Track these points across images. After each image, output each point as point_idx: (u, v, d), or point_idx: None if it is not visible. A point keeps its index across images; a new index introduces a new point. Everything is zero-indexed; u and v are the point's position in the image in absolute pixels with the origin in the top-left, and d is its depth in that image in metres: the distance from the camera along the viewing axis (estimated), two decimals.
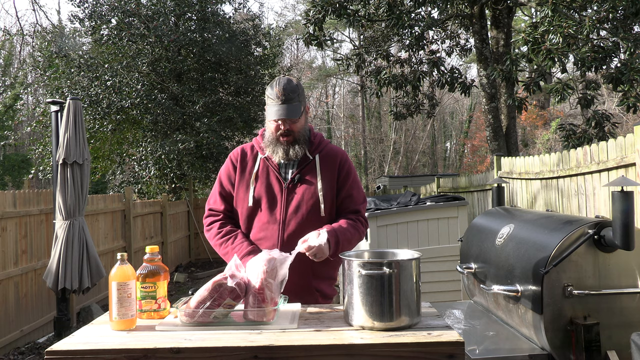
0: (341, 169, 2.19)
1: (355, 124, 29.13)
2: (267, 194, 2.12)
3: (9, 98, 17.86)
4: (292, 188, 2.13)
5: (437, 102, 11.87)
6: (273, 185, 2.14)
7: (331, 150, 2.22)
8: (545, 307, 2.13)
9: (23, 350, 4.96)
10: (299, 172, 2.14)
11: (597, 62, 6.45)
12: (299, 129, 2.11)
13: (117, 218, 7.59)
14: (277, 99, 2.05)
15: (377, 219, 4.83)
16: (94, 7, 10.40)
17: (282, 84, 2.06)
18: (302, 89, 2.13)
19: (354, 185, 2.21)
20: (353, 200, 2.19)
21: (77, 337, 1.59)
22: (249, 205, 2.13)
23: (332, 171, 2.16)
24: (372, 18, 9.50)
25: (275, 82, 2.08)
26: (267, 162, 2.16)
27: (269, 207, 2.12)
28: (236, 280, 1.66)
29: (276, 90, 2.06)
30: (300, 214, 2.09)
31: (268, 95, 2.10)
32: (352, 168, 2.24)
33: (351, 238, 2.07)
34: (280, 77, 2.11)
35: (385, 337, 1.51)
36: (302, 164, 2.16)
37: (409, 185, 14.70)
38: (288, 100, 2.05)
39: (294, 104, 2.06)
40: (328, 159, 2.19)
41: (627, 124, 17.62)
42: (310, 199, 2.11)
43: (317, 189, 2.12)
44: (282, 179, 2.14)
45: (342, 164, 2.20)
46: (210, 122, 10.19)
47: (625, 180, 2.10)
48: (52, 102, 4.83)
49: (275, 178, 2.14)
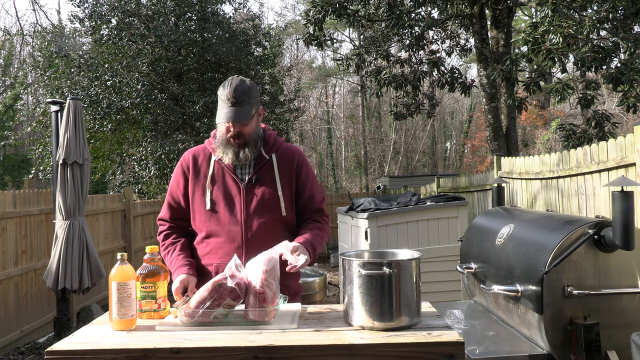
0: (299, 168, 2.20)
1: (355, 124, 29.12)
2: (225, 196, 2.11)
3: (9, 98, 17.86)
4: (250, 188, 2.11)
5: (437, 102, 11.87)
6: (230, 187, 2.12)
7: (288, 150, 2.22)
8: (545, 307, 2.13)
9: (23, 350, 4.96)
10: (256, 172, 2.13)
11: (597, 62, 6.44)
12: (250, 131, 2.08)
13: (117, 218, 7.59)
14: (227, 101, 2.02)
15: (377, 219, 4.83)
16: (94, 7, 10.39)
17: (233, 85, 2.03)
18: (256, 90, 2.10)
19: (313, 184, 2.23)
20: (314, 200, 2.22)
21: (77, 337, 1.59)
22: (207, 209, 2.11)
23: (289, 170, 2.17)
24: (372, 18, 9.50)
25: (227, 83, 2.05)
26: (221, 164, 2.14)
27: (229, 208, 2.10)
28: (236, 280, 1.66)
29: (227, 91, 2.02)
30: (260, 214, 2.09)
31: (219, 95, 2.06)
32: (309, 167, 2.26)
33: (322, 241, 2.14)
34: (234, 78, 2.07)
35: (385, 337, 1.51)
36: (259, 164, 2.14)
37: (409, 185, 14.69)
38: (238, 103, 2.01)
39: (245, 107, 2.03)
40: (285, 158, 2.18)
41: (627, 124, 17.62)
42: (270, 198, 2.10)
43: (276, 188, 2.12)
44: (239, 180, 2.12)
45: (300, 163, 2.21)
46: (210, 122, 10.18)
47: (625, 180, 2.10)
48: (52, 102, 4.83)
49: (232, 179, 2.12)
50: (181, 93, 10.38)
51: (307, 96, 28.29)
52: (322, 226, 2.19)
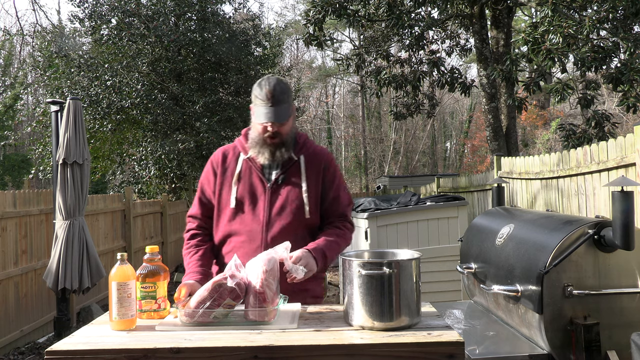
0: (326, 170, 2.15)
1: (355, 124, 29.13)
2: (250, 195, 2.09)
3: (9, 98, 17.86)
4: (276, 189, 2.08)
5: (437, 102, 11.87)
6: (256, 186, 2.10)
7: (316, 151, 2.18)
8: (545, 307, 2.13)
9: (23, 350, 4.96)
10: (283, 172, 2.10)
11: (597, 62, 6.45)
12: (287, 131, 2.07)
13: (117, 218, 7.59)
14: (266, 101, 1.99)
15: (377, 219, 4.83)
16: (94, 7, 10.39)
17: (272, 84, 2.01)
18: (291, 90, 2.09)
19: (340, 187, 2.18)
20: (340, 203, 2.16)
21: (77, 337, 1.59)
22: (232, 207, 2.09)
23: (317, 172, 2.12)
24: (372, 18, 9.50)
25: (265, 82, 2.02)
26: (249, 163, 2.12)
27: (252, 208, 2.08)
28: (236, 280, 1.66)
29: (266, 91, 2.00)
30: (284, 216, 2.06)
31: (256, 95, 2.03)
32: (337, 170, 2.21)
33: (337, 249, 2.07)
34: (270, 77, 2.05)
35: (385, 337, 1.51)
36: (287, 164, 2.11)
37: (409, 185, 14.70)
38: (277, 103, 1.99)
39: (283, 106, 2.01)
40: (313, 160, 2.14)
41: (627, 124, 17.62)
42: (295, 200, 2.07)
43: (301, 190, 2.08)
44: (266, 180, 2.10)
45: (328, 165, 2.16)
46: (210, 122, 10.19)
47: (625, 180, 2.10)
48: (52, 102, 4.83)
49: (258, 179, 2.10)
50: (181, 93, 10.38)
51: (307, 96, 28.28)
52: (341, 232, 2.12)
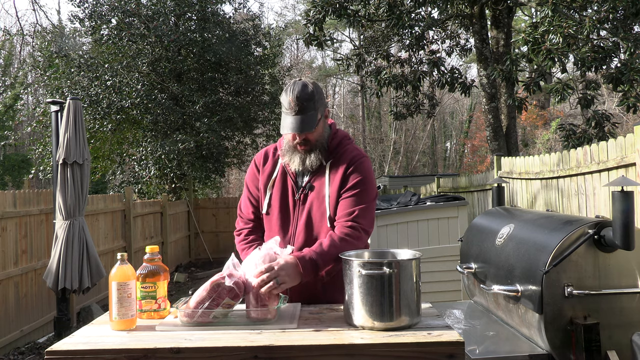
0: (347, 172, 1.98)
1: (355, 124, 29.13)
2: (281, 204, 2.05)
3: (9, 98, 17.86)
4: (303, 199, 2.03)
5: (437, 102, 11.87)
6: (288, 195, 2.05)
7: (345, 154, 2.03)
8: (545, 307, 2.13)
9: (23, 350, 4.96)
10: (310, 180, 2.03)
11: (597, 62, 6.45)
12: (317, 137, 1.98)
13: (117, 218, 7.59)
14: (290, 110, 1.90)
15: (377, 219, 4.82)
16: (94, 7, 10.39)
17: (295, 91, 1.88)
18: (320, 93, 1.96)
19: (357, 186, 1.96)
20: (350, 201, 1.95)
21: (77, 337, 1.59)
22: (263, 212, 2.08)
23: (340, 177, 1.99)
24: (372, 18, 9.50)
25: (290, 89, 1.91)
26: (286, 168, 2.06)
27: (281, 218, 2.04)
28: (234, 279, 1.66)
29: (289, 99, 1.89)
30: (308, 228, 2.00)
31: (282, 102, 1.94)
32: (362, 169, 1.99)
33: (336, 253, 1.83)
34: (296, 82, 1.93)
35: (385, 337, 1.51)
36: (316, 171, 2.03)
37: (409, 185, 14.70)
38: (302, 111, 1.89)
39: (309, 114, 1.90)
40: (338, 164, 2.01)
41: (627, 124, 17.62)
42: (317, 210, 1.99)
43: (325, 199, 1.99)
44: (296, 189, 2.04)
45: (350, 166, 1.99)
46: (210, 122, 10.19)
47: (625, 180, 2.10)
48: (52, 102, 4.83)
49: (291, 187, 2.05)
50: (181, 93, 10.38)
51: None
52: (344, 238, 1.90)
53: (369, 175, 2.01)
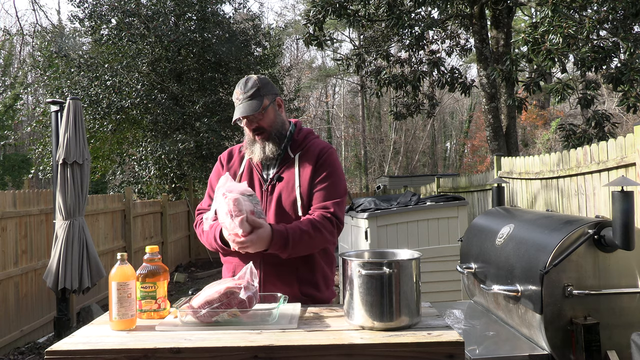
0: (318, 163, 2.05)
1: (355, 124, 29.14)
2: None
3: (9, 98, 17.86)
4: (271, 190, 2.06)
5: (437, 102, 11.87)
6: (255, 186, 2.09)
7: (313, 146, 2.10)
8: (545, 307, 2.13)
9: (23, 350, 4.96)
10: (278, 172, 2.07)
11: (597, 62, 6.45)
12: (270, 123, 2.05)
13: (117, 218, 7.59)
14: (237, 100, 2.04)
15: (377, 219, 4.82)
16: (94, 7, 10.40)
17: (240, 84, 2.05)
18: (267, 84, 2.06)
19: (329, 178, 2.03)
20: (324, 195, 2.01)
21: (77, 337, 1.59)
22: None
23: (310, 168, 2.04)
24: (372, 18, 9.50)
25: (237, 84, 2.08)
26: (251, 163, 2.13)
27: None
28: (249, 293, 1.64)
29: (236, 91, 2.05)
30: (278, 217, 2.02)
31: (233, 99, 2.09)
32: (331, 161, 2.07)
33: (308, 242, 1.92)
34: (243, 78, 2.09)
35: (385, 337, 1.51)
36: (283, 163, 2.08)
37: (409, 185, 14.70)
38: (247, 98, 2.02)
39: (254, 100, 2.01)
40: (307, 156, 2.07)
41: (627, 124, 17.62)
42: (287, 199, 2.03)
43: (294, 189, 2.02)
44: (263, 181, 2.09)
45: (320, 156, 2.06)
46: (210, 122, 10.19)
47: (625, 180, 2.10)
48: (52, 102, 4.83)
49: (258, 180, 2.10)
50: (181, 93, 10.39)
51: (307, 96, 28.31)
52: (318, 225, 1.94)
53: (339, 166, 2.12)
